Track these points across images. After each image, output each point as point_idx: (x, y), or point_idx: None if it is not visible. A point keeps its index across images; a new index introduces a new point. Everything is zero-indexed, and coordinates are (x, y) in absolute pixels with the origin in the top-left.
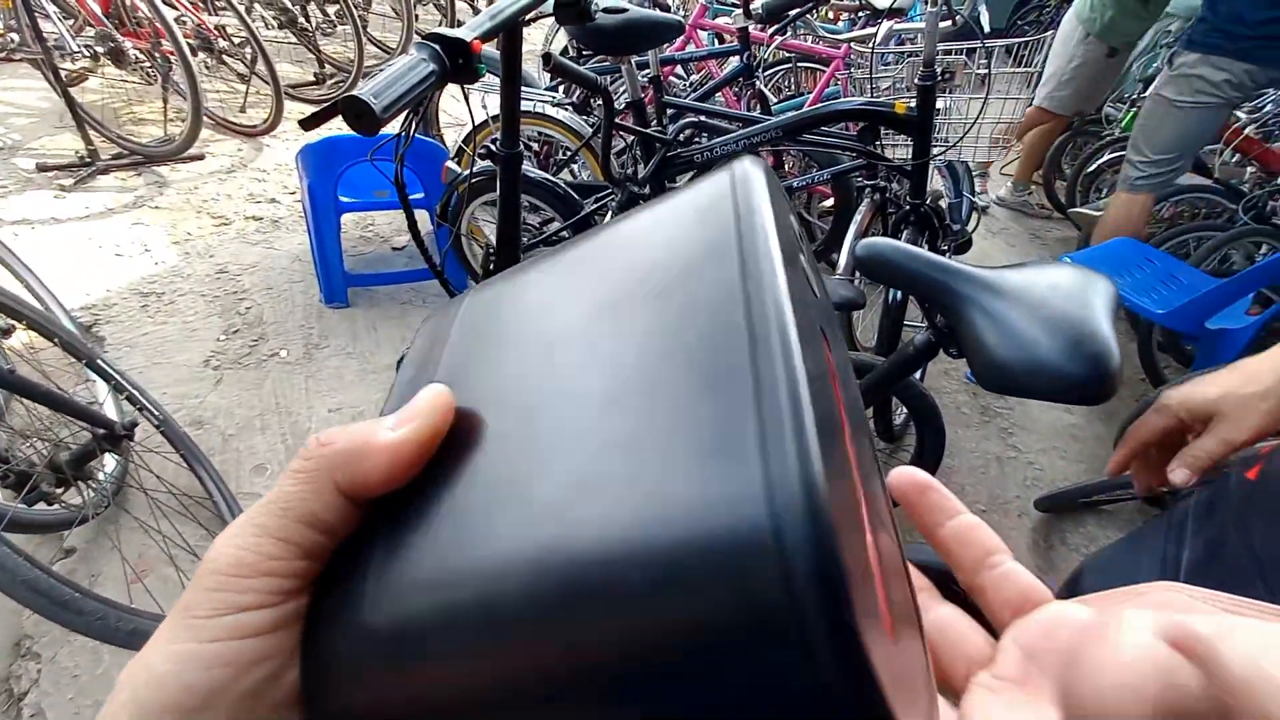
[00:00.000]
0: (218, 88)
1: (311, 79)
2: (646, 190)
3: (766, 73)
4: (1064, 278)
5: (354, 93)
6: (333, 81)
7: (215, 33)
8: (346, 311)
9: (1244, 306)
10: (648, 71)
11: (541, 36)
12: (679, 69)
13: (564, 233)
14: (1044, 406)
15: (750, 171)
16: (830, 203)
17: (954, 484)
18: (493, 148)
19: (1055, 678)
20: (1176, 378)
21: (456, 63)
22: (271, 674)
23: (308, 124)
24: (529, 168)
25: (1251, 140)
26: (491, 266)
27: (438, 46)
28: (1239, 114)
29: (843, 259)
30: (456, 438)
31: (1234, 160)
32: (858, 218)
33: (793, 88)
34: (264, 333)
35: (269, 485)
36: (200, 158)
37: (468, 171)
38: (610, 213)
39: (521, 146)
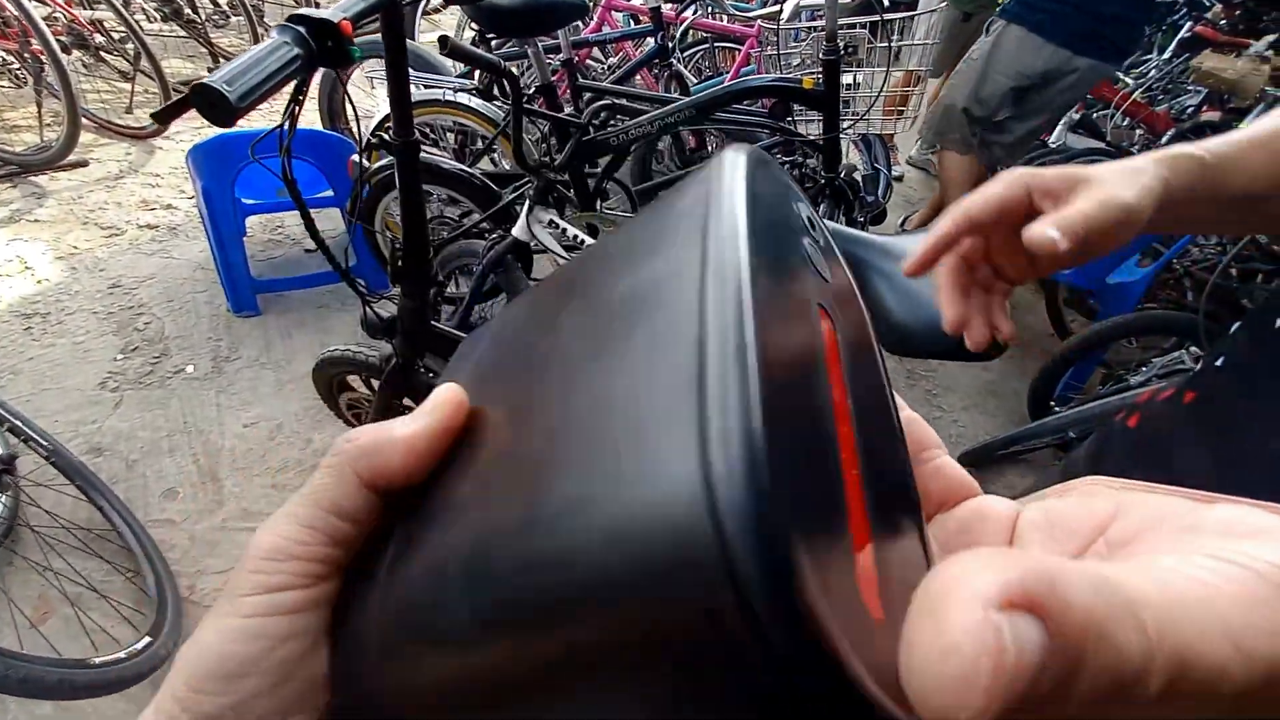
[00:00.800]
0: (99, 88)
1: (205, 74)
2: (565, 176)
3: (686, 54)
4: None
5: (205, 80)
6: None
7: (91, 28)
8: (258, 320)
9: (1135, 260)
10: (560, 55)
11: (454, 23)
12: (596, 52)
13: (484, 224)
14: (963, 366)
15: (731, 157)
16: None
17: None
18: (386, 136)
19: None
20: (1081, 328)
21: (325, 45)
22: (303, 650)
23: (160, 118)
24: (442, 159)
25: (1138, 104)
26: (400, 263)
27: (302, 28)
28: (1126, 79)
29: None
30: (469, 439)
31: (1124, 123)
32: None
33: (712, 68)
34: (166, 348)
35: (182, 510)
36: (83, 164)
37: (375, 165)
38: (528, 201)
39: (417, 134)
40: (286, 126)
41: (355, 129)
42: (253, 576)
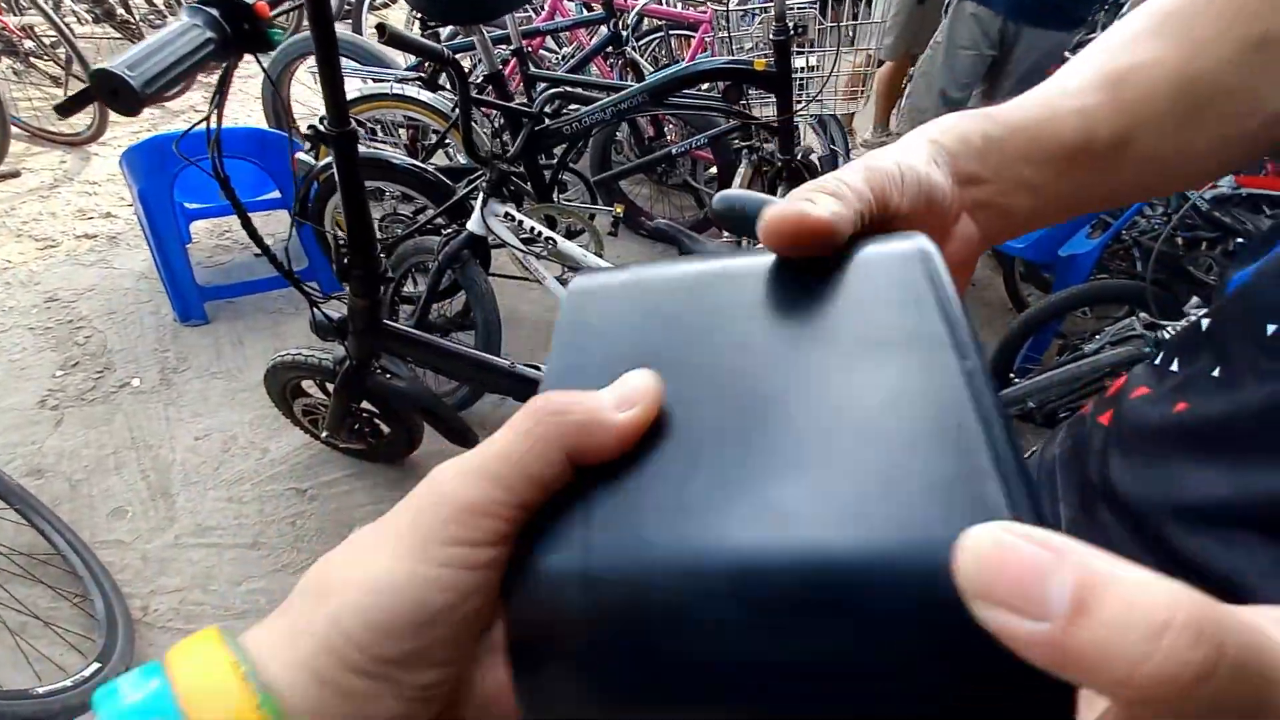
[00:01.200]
0: (30, 95)
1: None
2: (520, 168)
3: (641, 43)
4: None
5: (106, 65)
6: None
7: (20, 34)
8: (206, 328)
9: (1086, 233)
10: (510, 45)
11: (404, 18)
12: (550, 42)
13: (439, 220)
14: None
15: (931, 252)
16: (715, 170)
17: None
18: (320, 127)
19: None
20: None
21: (240, 29)
22: (479, 608)
23: (62, 110)
24: (393, 154)
25: None
26: (345, 260)
27: (214, 10)
28: (1069, 55)
29: None
30: (661, 419)
31: None
32: (737, 180)
33: (668, 56)
34: (109, 362)
35: (132, 530)
36: (15, 175)
37: (322, 163)
38: (481, 194)
39: (354, 124)
40: (213, 120)
41: (290, 126)
42: (450, 528)
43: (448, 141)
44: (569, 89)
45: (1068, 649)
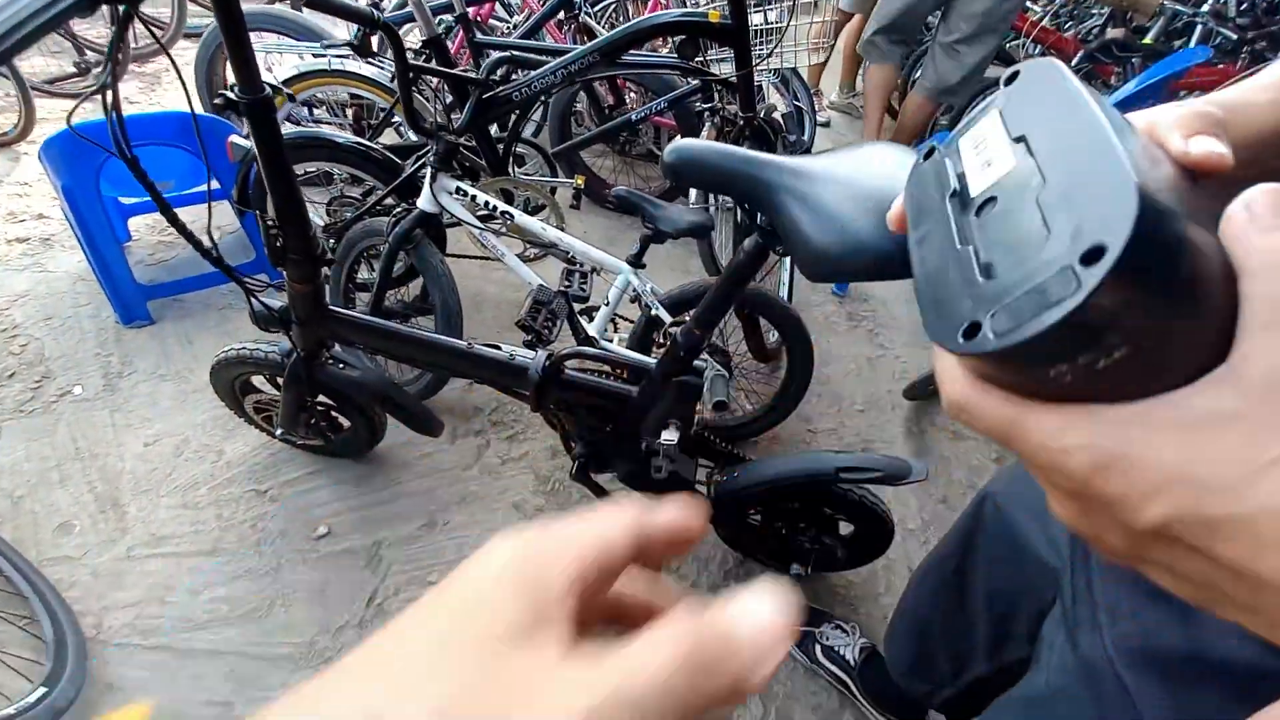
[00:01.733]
0: None
1: (73, 70)
2: (470, 141)
3: (596, 8)
4: (873, 155)
5: None
6: (100, 70)
7: None
8: (152, 329)
9: None
10: (454, 12)
11: None
12: (500, 10)
13: (389, 201)
14: (903, 302)
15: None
16: (679, 136)
17: (830, 390)
18: (230, 95)
19: None
20: None
21: None
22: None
23: None
24: (335, 132)
25: (1046, 30)
26: (278, 243)
27: None
28: (1034, 6)
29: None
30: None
31: (1035, 50)
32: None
33: (625, 21)
34: (48, 370)
35: (81, 544)
36: None
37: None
38: (429, 169)
39: (268, 88)
40: (109, 84)
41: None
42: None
43: (396, 119)
44: (518, 54)
45: None
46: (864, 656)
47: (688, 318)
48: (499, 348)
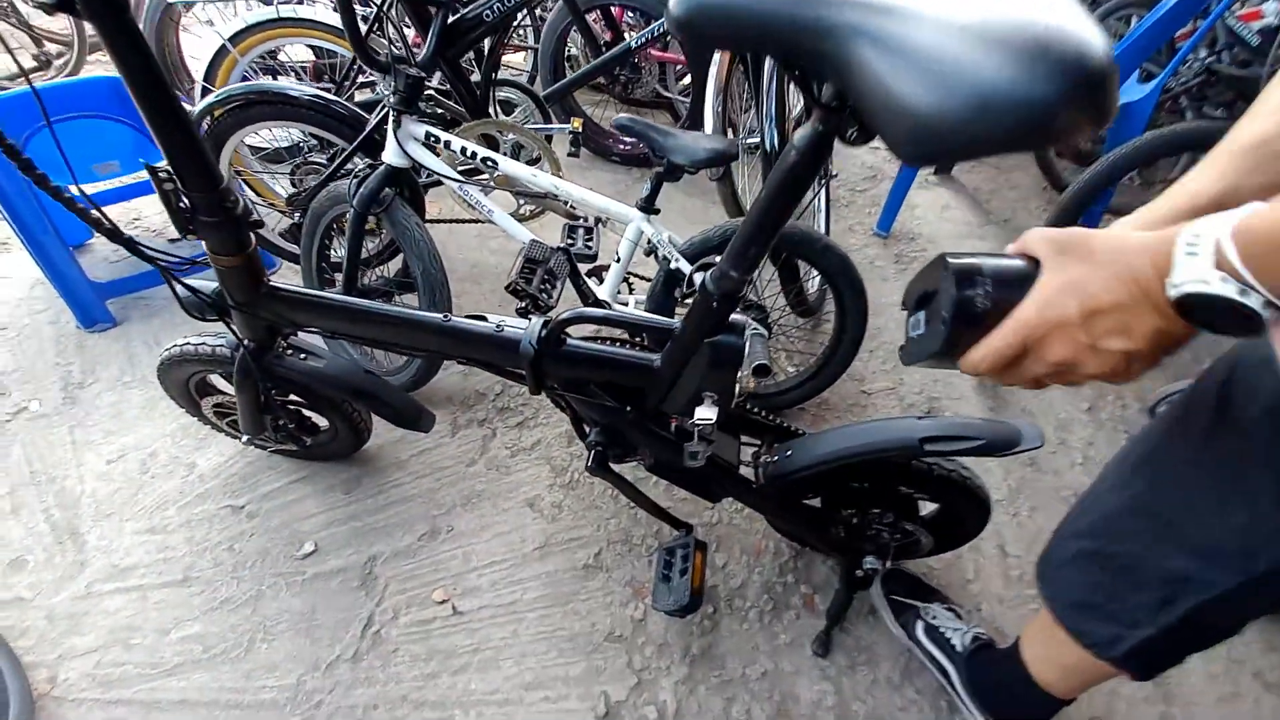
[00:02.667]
0: None
1: (33, 63)
2: (443, 84)
3: None
4: None
5: None
6: (61, 62)
7: None
8: (115, 331)
9: (1136, 77)
10: None
11: None
12: None
13: (355, 158)
14: (956, 239)
15: None
16: (688, 74)
17: (883, 345)
18: None
19: None
20: (1074, 176)
21: None
22: None
23: None
24: (288, 84)
25: None
26: (180, 203)
27: None
28: None
29: (708, 116)
30: None
31: None
32: (714, 70)
33: None
34: (3, 386)
35: (34, 583)
36: None
37: (200, 105)
38: (390, 112)
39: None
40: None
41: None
42: None
43: (358, 71)
44: None
45: None
46: (975, 645)
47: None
48: (484, 318)
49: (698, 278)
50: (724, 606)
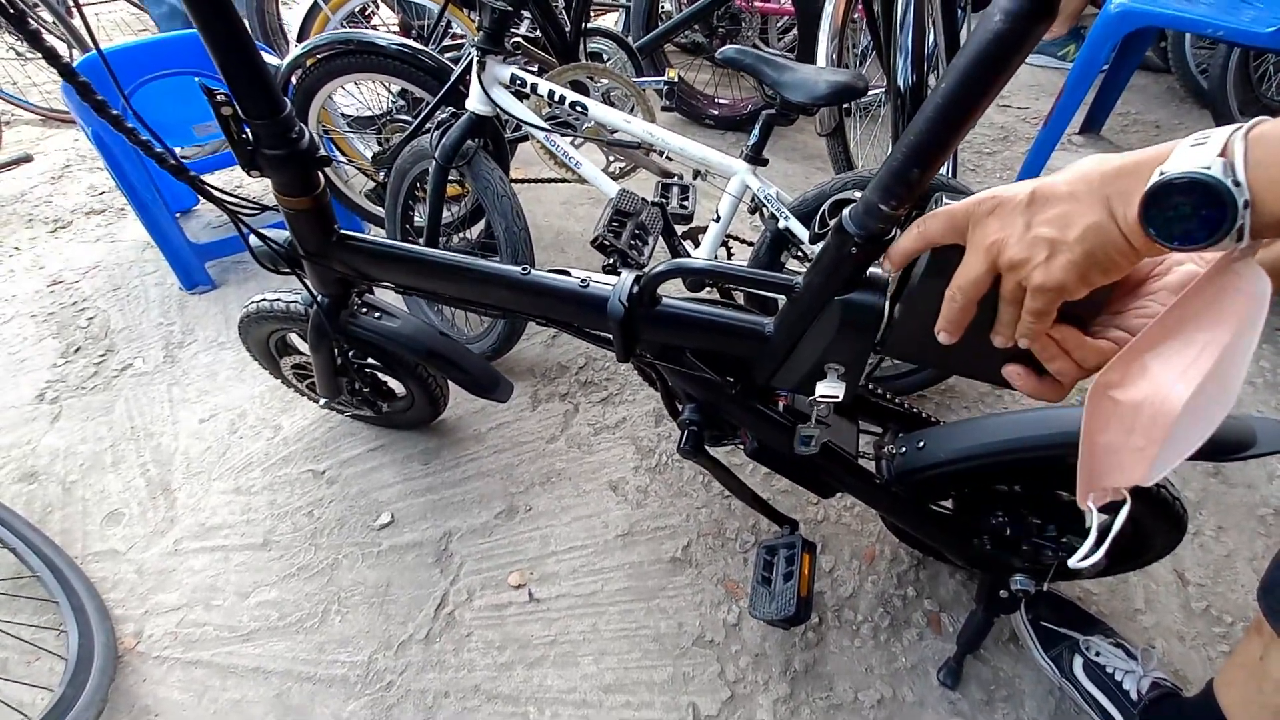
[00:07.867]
0: (33, 76)
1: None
2: (532, 31)
3: None
4: None
5: None
6: None
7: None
8: (214, 294)
9: None
10: None
11: None
12: None
13: (439, 111)
14: None
15: None
16: (795, 25)
17: None
18: None
19: None
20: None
21: None
22: None
23: None
24: (375, 33)
25: None
26: (242, 135)
27: None
28: None
29: (822, 50)
30: None
31: None
32: (829, 9)
33: None
34: (112, 344)
35: (127, 536)
36: (27, 159)
37: (290, 56)
38: (475, 51)
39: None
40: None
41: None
42: None
43: (448, 22)
44: None
45: None
46: (1154, 695)
47: (857, 197)
48: (568, 272)
49: (842, 215)
50: (831, 618)
